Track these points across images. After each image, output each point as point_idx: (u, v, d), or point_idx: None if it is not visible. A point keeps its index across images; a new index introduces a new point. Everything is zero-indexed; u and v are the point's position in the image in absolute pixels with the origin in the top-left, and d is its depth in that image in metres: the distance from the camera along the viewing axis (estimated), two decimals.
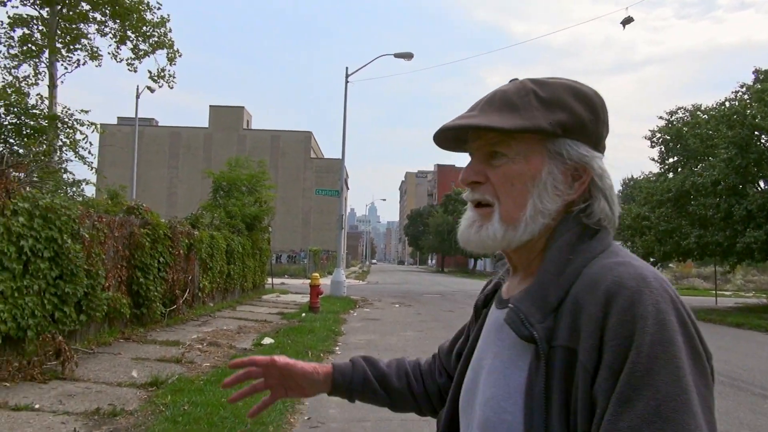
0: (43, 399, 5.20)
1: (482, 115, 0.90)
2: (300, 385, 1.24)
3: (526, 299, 0.86)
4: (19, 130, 11.88)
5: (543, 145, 0.90)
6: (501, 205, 0.90)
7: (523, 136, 0.89)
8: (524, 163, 0.89)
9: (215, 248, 13.51)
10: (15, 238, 6.01)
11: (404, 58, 20.79)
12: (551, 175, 0.89)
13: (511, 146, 0.89)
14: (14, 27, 17.38)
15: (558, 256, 0.87)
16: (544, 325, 0.82)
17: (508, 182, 0.90)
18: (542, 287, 0.86)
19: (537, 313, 0.83)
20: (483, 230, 0.91)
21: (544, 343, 0.81)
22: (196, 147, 53.21)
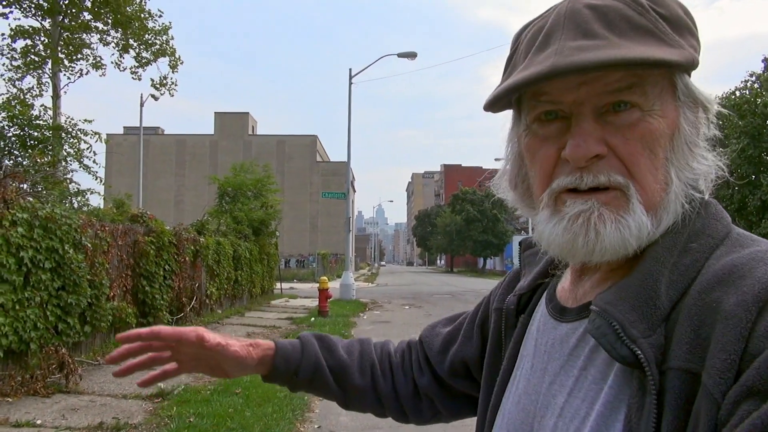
0: (46, 414, 5.06)
1: (613, 44, 0.59)
2: (223, 368, 0.96)
3: (622, 300, 0.59)
4: (24, 142, 11.82)
5: (674, 86, 0.63)
6: (639, 186, 0.61)
7: (656, 76, 0.62)
8: (661, 116, 0.62)
9: (222, 254, 13.39)
10: (14, 250, 5.88)
11: (408, 58, 20.65)
12: (689, 127, 0.64)
13: (647, 92, 0.61)
14: (16, 38, 17.39)
15: (675, 241, 0.61)
16: (653, 339, 0.55)
17: (646, 149, 0.61)
18: (650, 283, 0.59)
19: (641, 322, 0.57)
20: (623, 227, 0.60)
21: (653, 366, 0.54)
22: (202, 154, 53.33)
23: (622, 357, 0.56)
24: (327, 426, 5.07)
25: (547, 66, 0.60)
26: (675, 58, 0.59)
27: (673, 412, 0.52)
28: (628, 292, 0.59)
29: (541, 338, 0.72)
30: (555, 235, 0.64)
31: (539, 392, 0.68)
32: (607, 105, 0.62)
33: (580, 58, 0.58)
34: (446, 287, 29.61)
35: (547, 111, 0.65)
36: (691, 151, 0.64)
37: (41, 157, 11.15)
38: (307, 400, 5.78)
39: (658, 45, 0.60)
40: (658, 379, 0.54)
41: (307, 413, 5.41)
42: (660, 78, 0.62)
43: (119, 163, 46.54)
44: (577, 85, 0.62)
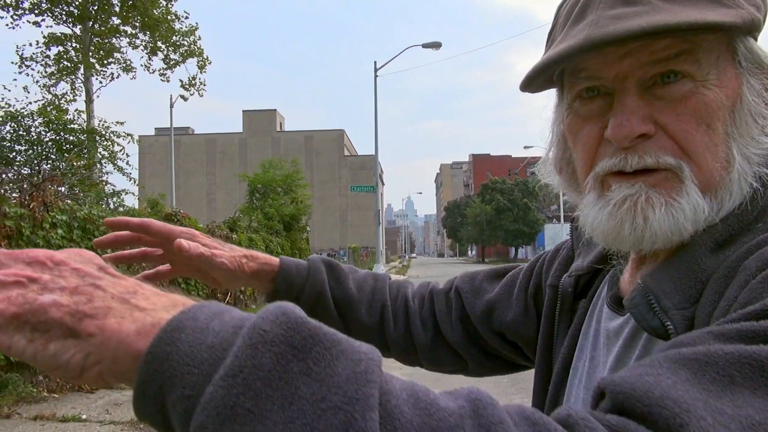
0: (90, 409, 5.22)
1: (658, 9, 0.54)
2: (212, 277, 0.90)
3: (662, 271, 0.55)
4: (60, 146, 12.17)
5: (733, 52, 0.57)
6: (695, 165, 0.56)
7: (711, 41, 0.56)
8: (719, 86, 0.56)
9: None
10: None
11: (432, 48, 20.53)
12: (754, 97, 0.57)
13: (700, 60, 0.55)
14: (50, 45, 17.86)
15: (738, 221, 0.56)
16: (687, 312, 0.52)
17: (702, 124, 0.55)
18: (696, 257, 0.54)
19: (676, 294, 0.53)
20: (676, 211, 0.55)
21: None
22: (232, 152, 54.06)
23: (651, 328, 0.53)
24: None
25: (580, 39, 0.55)
26: (729, 19, 0.53)
27: None
28: (671, 264, 0.56)
29: (602, 330, 0.68)
30: (599, 221, 0.60)
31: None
32: (654, 77, 0.56)
33: (615, 28, 0.53)
34: None
35: (588, 87, 0.60)
36: (757, 124, 0.57)
37: (77, 161, 11.49)
38: None
39: (710, 6, 0.54)
40: None
41: None
42: (716, 43, 0.56)
43: (152, 164, 47.52)
44: (618, 57, 0.57)
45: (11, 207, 5.54)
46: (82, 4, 16.95)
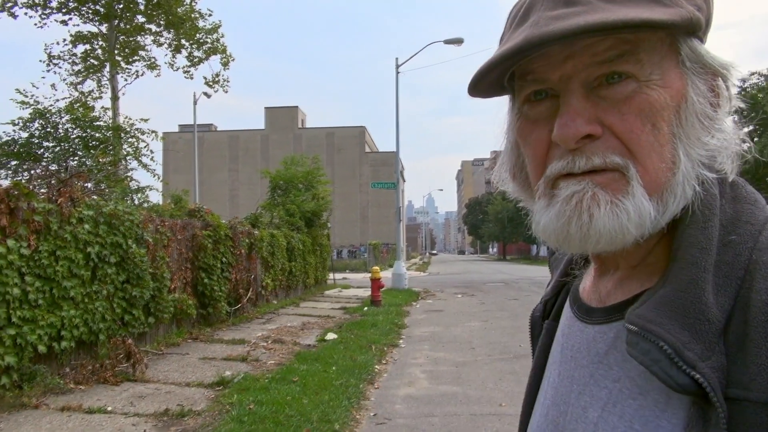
0: (115, 401, 5.31)
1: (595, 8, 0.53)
2: None
3: (667, 317, 0.51)
4: (86, 143, 12.38)
5: (676, 52, 0.56)
6: (641, 166, 0.54)
7: (653, 41, 0.55)
8: (662, 86, 0.55)
9: (276, 246, 13.66)
10: (82, 245, 6.18)
11: (454, 44, 20.38)
12: (700, 98, 0.56)
13: (642, 60, 0.54)
14: (76, 44, 18.18)
15: (707, 236, 0.53)
16: (712, 362, 0.48)
17: (647, 124, 0.54)
18: (694, 294, 0.51)
19: (696, 343, 0.49)
20: (620, 212, 0.54)
21: (720, 395, 0.47)
22: (254, 149, 54.43)
23: (680, 386, 0.48)
24: (382, 414, 5.11)
25: (519, 40, 0.54)
26: (667, 17, 0.52)
27: None
28: (672, 306, 0.51)
29: (567, 342, 0.65)
30: (549, 220, 0.58)
31: (568, 402, 0.61)
32: (599, 78, 0.55)
33: (552, 28, 0.52)
34: (499, 275, 29.28)
35: (535, 91, 0.59)
36: (702, 125, 0.56)
37: (103, 157, 11.67)
38: (362, 389, 5.85)
39: (649, 5, 0.53)
40: (726, 410, 0.46)
41: (362, 401, 5.47)
42: (658, 43, 0.55)
43: (175, 161, 48.06)
44: (562, 59, 0.56)
45: (39, 202, 5.66)
46: (108, 2, 17.19)
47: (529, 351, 3.58)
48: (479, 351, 8.03)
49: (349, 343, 8.28)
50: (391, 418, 4.99)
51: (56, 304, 5.77)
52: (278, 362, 7.08)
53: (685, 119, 0.55)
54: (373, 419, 4.98)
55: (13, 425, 4.54)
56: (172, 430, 4.55)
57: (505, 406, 5.28)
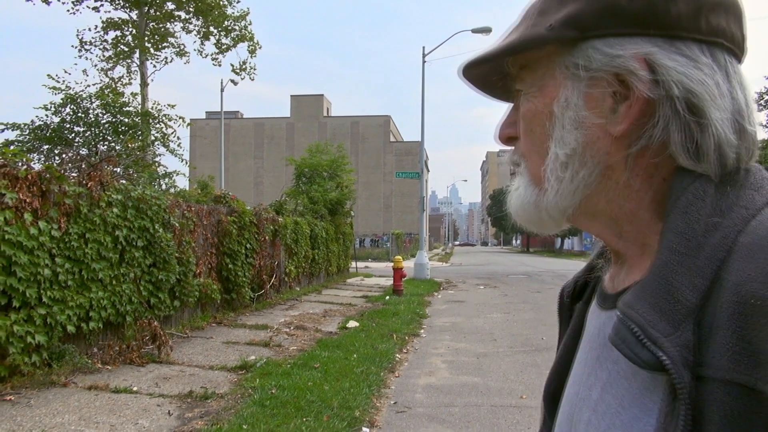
0: (141, 382, 5.43)
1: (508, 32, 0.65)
2: None
3: (640, 300, 0.53)
4: (116, 128, 12.59)
5: (558, 63, 0.61)
6: (527, 162, 0.66)
7: (537, 60, 0.62)
8: (539, 96, 0.63)
9: (299, 234, 13.75)
10: (110, 229, 6.30)
11: (482, 33, 20.14)
12: (567, 103, 0.60)
13: (525, 78, 0.64)
14: (107, 30, 18.45)
15: (687, 221, 0.54)
16: (676, 338, 0.50)
17: (527, 128, 0.65)
18: (665, 276, 0.53)
19: (661, 321, 0.51)
20: (515, 198, 0.67)
21: (681, 369, 0.49)
22: (279, 136, 54.73)
23: (645, 362, 0.51)
24: (402, 402, 5.13)
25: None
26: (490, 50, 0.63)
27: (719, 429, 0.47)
28: (645, 289, 0.54)
29: (587, 327, 0.69)
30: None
31: (581, 383, 0.65)
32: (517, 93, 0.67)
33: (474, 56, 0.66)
34: (522, 267, 29.08)
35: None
36: (565, 127, 0.61)
37: (132, 142, 11.85)
38: (383, 377, 5.88)
39: (507, 36, 0.64)
40: (688, 384, 0.48)
41: (383, 389, 5.50)
42: (544, 58, 0.62)
43: (202, 147, 48.63)
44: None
45: (70, 185, 5.77)
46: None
47: (551, 344, 3.63)
48: (501, 342, 8.00)
49: (370, 331, 8.32)
50: (411, 407, 5.00)
51: (85, 285, 5.90)
52: (300, 348, 7.15)
53: (556, 122, 0.62)
54: (393, 407, 5.00)
55: (43, 402, 4.67)
56: (195, 411, 4.64)
57: (526, 399, 5.26)
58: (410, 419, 4.70)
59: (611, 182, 0.60)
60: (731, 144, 0.56)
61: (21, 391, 4.88)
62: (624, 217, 0.60)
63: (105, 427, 4.21)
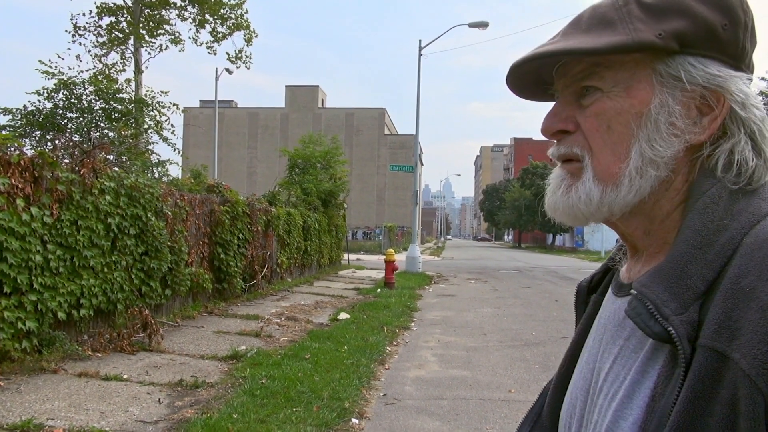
0: (131, 369, 5.43)
1: (564, 39, 0.69)
2: None
3: (655, 282, 0.63)
4: (109, 115, 12.50)
5: (652, 69, 0.66)
6: (594, 158, 0.68)
7: (623, 61, 0.67)
8: (625, 96, 0.67)
9: (292, 225, 13.75)
10: (103, 216, 6.28)
11: (479, 28, 20.13)
12: (665, 109, 0.66)
13: (605, 77, 0.68)
14: (102, 16, 18.26)
15: (703, 221, 0.63)
16: (685, 317, 0.59)
17: (603, 125, 0.67)
18: (680, 264, 0.62)
19: (673, 301, 0.60)
20: (573, 192, 0.69)
21: (685, 341, 0.58)
22: (274, 127, 54.55)
23: (656, 334, 0.60)
24: (392, 394, 5.17)
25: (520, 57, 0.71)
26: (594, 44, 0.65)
27: (692, 384, 0.56)
28: (661, 274, 0.63)
29: (603, 313, 0.78)
30: (547, 193, 0.75)
31: (596, 361, 0.73)
32: (581, 89, 0.70)
33: (525, 56, 0.70)
34: (513, 263, 29.21)
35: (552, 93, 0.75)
36: (659, 132, 0.66)
37: (125, 130, 11.78)
38: (373, 369, 5.91)
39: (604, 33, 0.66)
40: (688, 353, 0.57)
41: (373, 381, 5.53)
42: (630, 62, 0.67)
43: (195, 136, 48.38)
44: (560, 75, 0.72)
45: (63, 172, 5.74)
46: None
47: (540, 339, 3.69)
48: (490, 337, 8.05)
49: (361, 323, 8.35)
50: (401, 399, 5.04)
51: (76, 272, 5.89)
52: (291, 339, 7.17)
53: (645, 124, 0.66)
54: (382, 399, 5.04)
55: (33, 388, 4.67)
56: (185, 400, 4.65)
57: (514, 393, 5.31)
58: (399, 411, 4.73)
59: (666, 185, 0.67)
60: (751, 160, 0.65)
61: (11, 377, 4.88)
62: (659, 216, 0.68)
63: (95, 414, 4.22)
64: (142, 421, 4.14)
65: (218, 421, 4.03)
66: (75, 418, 4.11)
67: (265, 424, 4.07)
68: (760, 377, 0.52)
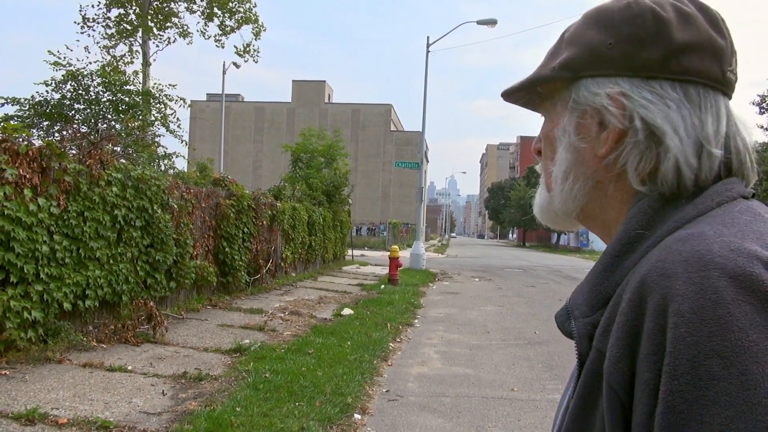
0: (136, 361, 5.46)
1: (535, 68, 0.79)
2: None
3: (580, 289, 0.70)
4: (116, 107, 12.52)
5: (567, 96, 0.75)
6: (544, 172, 0.81)
7: (551, 92, 0.77)
8: (549, 121, 0.79)
9: (297, 220, 13.76)
10: (109, 208, 6.30)
11: (487, 25, 20.06)
12: (563, 129, 0.75)
13: (545, 105, 0.80)
14: (111, 8, 18.29)
15: (626, 230, 0.67)
16: (589, 319, 0.65)
17: (547, 144, 0.79)
18: (598, 272, 0.67)
19: (584, 305, 0.66)
20: (536, 200, 0.83)
21: (584, 340, 0.64)
22: (280, 121, 54.54)
23: (568, 333, 0.68)
24: (395, 391, 5.18)
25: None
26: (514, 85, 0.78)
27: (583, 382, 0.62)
28: (586, 281, 0.69)
29: None
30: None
31: None
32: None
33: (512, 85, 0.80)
34: (517, 261, 29.16)
35: None
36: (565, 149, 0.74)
37: (132, 122, 11.80)
38: (376, 365, 5.92)
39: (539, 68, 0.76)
40: (585, 351, 0.63)
41: (375, 377, 5.54)
42: (559, 90, 0.75)
43: (201, 129, 48.42)
44: None
45: (70, 163, 5.76)
46: None
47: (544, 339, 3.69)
48: (494, 335, 8.05)
49: (364, 319, 8.36)
50: (403, 396, 5.05)
51: (82, 263, 5.91)
52: (294, 334, 7.19)
53: (558, 144, 0.75)
54: (385, 395, 5.05)
55: (38, 377, 4.70)
56: (189, 392, 4.67)
57: (517, 391, 5.31)
58: (402, 407, 4.74)
59: (601, 194, 0.72)
60: (691, 166, 0.65)
61: (16, 366, 4.91)
62: (612, 222, 0.73)
63: (99, 404, 4.24)
64: (146, 413, 4.16)
65: (221, 414, 4.05)
66: (79, 408, 4.13)
67: (268, 418, 4.08)
68: (612, 376, 0.56)
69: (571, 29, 0.75)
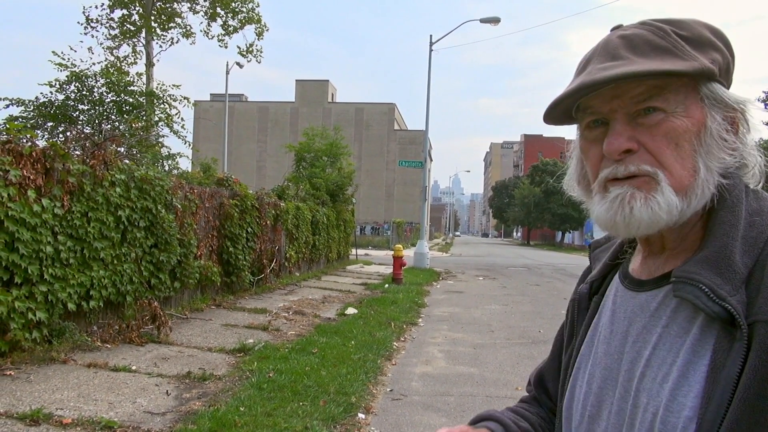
0: (140, 361, 5.47)
1: (632, 62, 0.76)
2: None
3: (705, 269, 0.72)
4: (120, 107, 12.55)
5: (697, 92, 0.78)
6: (667, 172, 0.76)
7: (678, 84, 0.77)
8: (685, 116, 0.77)
9: (301, 219, 13.77)
10: (113, 208, 6.31)
11: (491, 23, 20.03)
12: (716, 125, 0.77)
13: (668, 98, 0.76)
14: (114, 8, 18.32)
15: (736, 217, 0.75)
16: (738, 297, 0.69)
17: (672, 143, 0.76)
18: (726, 254, 0.73)
19: (726, 285, 0.70)
20: (653, 204, 0.76)
21: (743, 318, 0.67)
22: (284, 121, 54.60)
23: (716, 313, 0.69)
24: (399, 390, 5.17)
25: (574, 85, 0.78)
26: (680, 68, 0.74)
27: (759, 356, 0.65)
28: (708, 262, 0.73)
29: (620, 308, 0.85)
30: (601, 213, 0.80)
31: (622, 351, 0.81)
32: (638, 111, 0.77)
33: (598, 76, 0.75)
34: (522, 260, 29.11)
35: (593, 120, 0.82)
36: (719, 145, 0.77)
37: (136, 122, 11.82)
38: (380, 364, 5.91)
39: (671, 59, 0.75)
40: (747, 328, 0.66)
41: (379, 376, 5.54)
42: (682, 86, 0.76)
43: (205, 129, 48.50)
44: (610, 98, 0.78)
45: (74, 164, 5.77)
46: None
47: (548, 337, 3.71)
48: (498, 334, 8.03)
49: (368, 318, 8.35)
50: (407, 395, 5.04)
51: (86, 264, 5.92)
52: (298, 333, 7.19)
53: (704, 140, 0.77)
54: (389, 395, 5.04)
55: (42, 377, 4.71)
56: (193, 392, 4.68)
57: (521, 390, 5.28)
58: (406, 407, 4.73)
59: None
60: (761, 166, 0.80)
61: (21, 366, 4.92)
62: (693, 219, 0.78)
63: (103, 404, 4.25)
64: (150, 413, 4.16)
65: (225, 414, 4.05)
66: (84, 408, 4.14)
67: (272, 418, 4.08)
68: None
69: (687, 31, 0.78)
